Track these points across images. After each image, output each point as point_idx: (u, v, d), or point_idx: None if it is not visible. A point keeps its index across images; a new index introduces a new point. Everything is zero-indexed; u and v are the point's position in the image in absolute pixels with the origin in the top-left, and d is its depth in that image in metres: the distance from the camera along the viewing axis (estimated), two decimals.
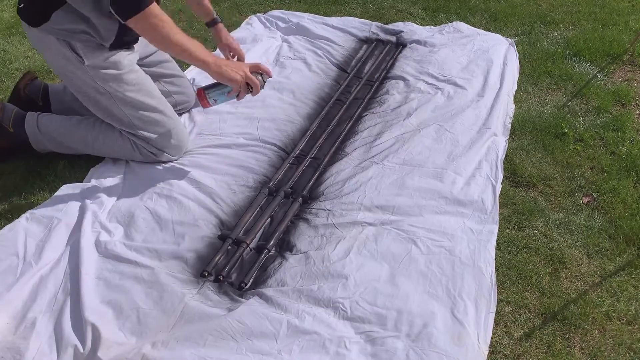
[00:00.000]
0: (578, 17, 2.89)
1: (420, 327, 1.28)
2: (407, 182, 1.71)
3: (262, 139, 1.93)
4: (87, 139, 1.80)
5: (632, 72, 2.44)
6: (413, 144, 1.88)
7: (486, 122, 1.99)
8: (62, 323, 1.29)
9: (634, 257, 1.54)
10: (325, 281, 1.40)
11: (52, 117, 1.85)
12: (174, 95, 1.98)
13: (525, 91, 2.27)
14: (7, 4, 2.96)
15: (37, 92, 1.95)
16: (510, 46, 2.49)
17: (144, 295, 1.37)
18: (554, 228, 1.63)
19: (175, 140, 1.80)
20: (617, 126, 2.05)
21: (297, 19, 2.69)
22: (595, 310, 1.39)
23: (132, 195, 1.69)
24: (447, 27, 2.65)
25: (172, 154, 1.81)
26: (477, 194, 1.67)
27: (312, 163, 1.87)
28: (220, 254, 1.50)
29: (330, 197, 1.69)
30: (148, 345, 1.24)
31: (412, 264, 1.45)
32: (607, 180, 1.81)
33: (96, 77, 1.67)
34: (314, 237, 1.55)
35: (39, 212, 1.60)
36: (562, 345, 1.31)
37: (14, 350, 1.23)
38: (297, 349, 1.24)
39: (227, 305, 1.36)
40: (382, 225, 1.56)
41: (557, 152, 1.92)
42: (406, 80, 2.25)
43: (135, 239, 1.54)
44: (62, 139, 1.81)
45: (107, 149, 1.81)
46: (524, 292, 1.44)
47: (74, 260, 1.45)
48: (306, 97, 2.16)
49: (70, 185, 1.72)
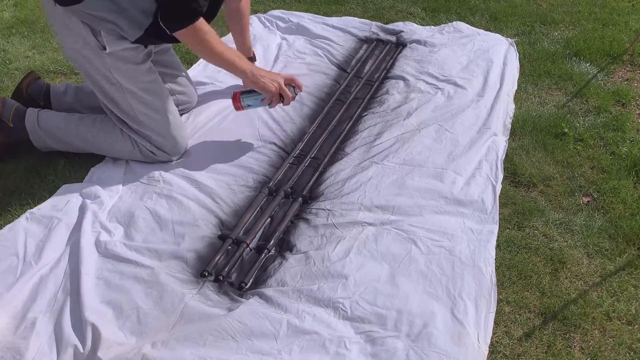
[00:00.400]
0: (578, 17, 2.89)
1: (420, 327, 1.28)
2: (407, 182, 1.71)
3: (262, 139, 1.93)
4: (87, 136, 1.80)
5: (632, 72, 2.44)
6: (413, 143, 1.88)
7: (486, 122, 1.99)
8: (62, 323, 1.29)
9: (634, 257, 1.54)
10: (325, 281, 1.40)
11: (52, 113, 1.85)
12: (177, 95, 1.98)
13: (525, 91, 2.27)
14: (7, 4, 2.96)
15: (39, 92, 1.95)
16: (510, 46, 2.49)
17: (144, 295, 1.37)
18: (554, 228, 1.63)
19: (176, 141, 1.81)
20: (617, 126, 2.05)
21: (297, 19, 2.70)
22: (595, 310, 1.39)
23: (132, 195, 1.69)
24: (447, 27, 2.65)
25: (172, 154, 1.82)
26: (477, 194, 1.67)
27: (312, 163, 1.87)
28: (220, 254, 1.50)
29: (330, 197, 1.69)
30: (148, 345, 1.24)
31: (412, 264, 1.45)
32: (607, 180, 1.81)
33: (112, 67, 1.68)
34: (314, 237, 1.55)
35: (39, 212, 1.60)
36: (562, 345, 1.32)
37: (14, 350, 1.23)
38: (297, 349, 1.24)
39: (227, 305, 1.36)
40: (382, 225, 1.56)
41: (557, 152, 1.92)
42: (406, 80, 2.25)
43: (135, 239, 1.54)
44: (62, 135, 1.81)
45: (108, 147, 1.81)
46: (524, 292, 1.44)
47: (74, 260, 1.45)
48: (306, 97, 2.16)
49: (70, 185, 1.72)
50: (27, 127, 1.81)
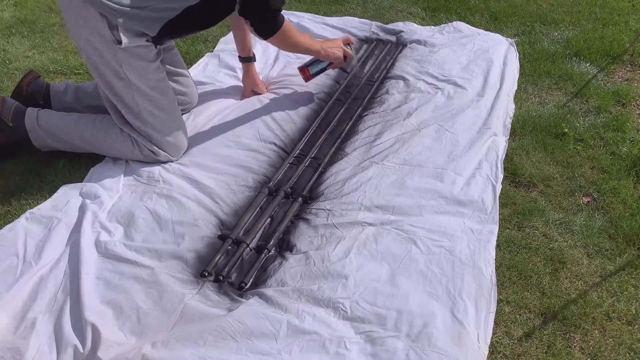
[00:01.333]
0: (578, 17, 2.89)
1: (420, 327, 1.28)
2: (407, 182, 1.71)
3: (262, 139, 1.93)
4: (86, 135, 1.80)
5: (632, 72, 2.44)
6: (413, 143, 1.88)
7: (486, 122, 1.98)
8: (62, 323, 1.29)
9: (634, 257, 1.54)
10: (325, 281, 1.40)
11: (52, 112, 1.85)
12: (178, 96, 1.98)
13: (525, 91, 2.27)
14: (7, 4, 2.95)
15: (39, 91, 1.95)
16: (510, 46, 2.49)
17: (144, 295, 1.37)
18: (554, 228, 1.63)
19: (177, 141, 1.81)
20: (617, 126, 2.05)
21: (297, 19, 2.69)
22: (595, 310, 1.39)
23: (132, 195, 1.69)
24: (447, 27, 2.65)
25: (172, 154, 1.81)
26: (477, 194, 1.67)
27: (312, 163, 1.87)
28: (220, 254, 1.50)
29: (330, 197, 1.69)
30: (148, 345, 1.24)
31: (412, 264, 1.45)
32: (607, 180, 1.80)
33: (123, 62, 1.67)
34: (314, 237, 1.55)
35: (39, 212, 1.60)
36: (562, 345, 1.32)
37: (14, 350, 1.23)
38: (297, 349, 1.24)
39: (227, 305, 1.36)
40: (382, 225, 1.56)
41: (557, 152, 1.92)
42: (406, 80, 2.25)
43: (135, 239, 1.54)
44: (62, 135, 1.81)
45: (107, 146, 1.81)
46: (524, 292, 1.44)
47: (74, 260, 1.45)
48: (306, 97, 2.16)
49: (70, 185, 1.72)
50: (27, 127, 1.81)
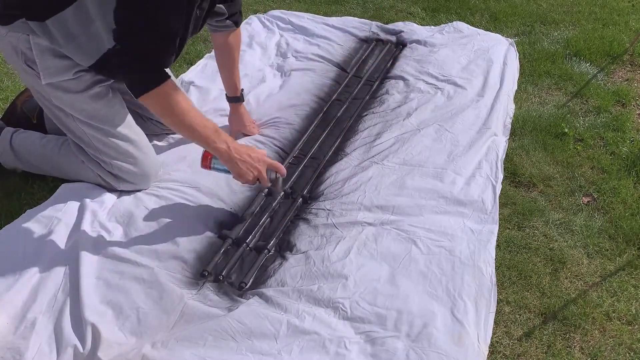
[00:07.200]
0: (578, 17, 2.90)
1: (420, 327, 1.28)
2: (407, 182, 1.71)
3: (261, 139, 1.93)
4: (52, 161, 1.72)
5: (632, 72, 2.44)
6: (413, 143, 1.88)
7: (486, 122, 1.98)
8: (62, 323, 1.29)
9: (634, 257, 1.55)
10: (325, 281, 1.40)
11: (27, 135, 1.77)
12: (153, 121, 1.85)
13: (525, 91, 2.28)
14: None
15: (33, 110, 1.88)
16: (510, 46, 2.49)
17: (144, 295, 1.37)
18: (554, 228, 1.63)
19: (140, 169, 1.66)
20: (617, 126, 2.05)
21: (297, 19, 2.69)
22: (595, 310, 1.39)
23: (132, 195, 1.68)
24: (447, 27, 2.65)
25: (137, 182, 1.67)
26: (477, 194, 1.67)
27: (311, 163, 1.87)
28: (220, 254, 1.50)
29: (330, 197, 1.69)
30: (148, 345, 1.24)
31: (412, 264, 1.45)
32: (607, 180, 1.81)
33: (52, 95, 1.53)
34: (314, 237, 1.54)
35: (39, 212, 1.60)
36: (562, 345, 1.32)
37: (14, 350, 1.23)
38: (297, 349, 1.24)
39: (227, 305, 1.36)
40: (382, 225, 1.56)
41: (557, 152, 1.92)
42: (406, 80, 2.25)
43: (135, 239, 1.54)
44: (31, 158, 1.74)
45: (73, 174, 1.72)
46: (524, 292, 1.44)
47: (74, 260, 1.45)
48: (306, 96, 2.16)
49: (70, 185, 1.72)
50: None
